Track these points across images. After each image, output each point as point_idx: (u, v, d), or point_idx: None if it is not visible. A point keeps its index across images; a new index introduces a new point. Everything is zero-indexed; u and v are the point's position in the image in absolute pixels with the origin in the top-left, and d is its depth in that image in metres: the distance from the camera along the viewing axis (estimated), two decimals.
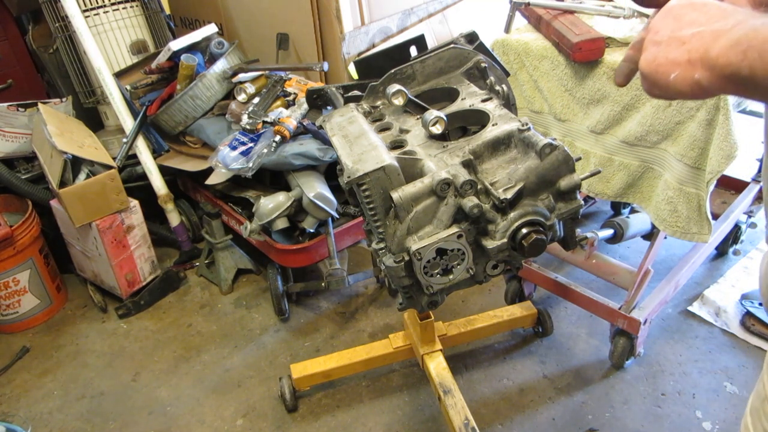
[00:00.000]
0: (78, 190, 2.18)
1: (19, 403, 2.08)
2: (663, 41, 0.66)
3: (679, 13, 0.66)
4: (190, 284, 2.60)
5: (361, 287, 2.46)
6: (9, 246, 2.24)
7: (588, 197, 2.21)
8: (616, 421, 1.80)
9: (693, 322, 2.12)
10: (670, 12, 0.67)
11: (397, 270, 0.93)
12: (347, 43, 2.53)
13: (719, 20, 0.61)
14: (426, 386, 1.97)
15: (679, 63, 0.63)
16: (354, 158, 0.96)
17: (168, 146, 2.60)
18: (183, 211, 2.68)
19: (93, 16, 2.58)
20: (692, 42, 0.62)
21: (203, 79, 2.37)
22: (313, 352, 2.16)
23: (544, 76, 1.75)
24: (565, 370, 1.99)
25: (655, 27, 0.68)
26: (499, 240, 0.90)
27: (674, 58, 0.63)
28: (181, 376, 2.12)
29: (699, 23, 0.63)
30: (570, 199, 0.93)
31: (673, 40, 0.65)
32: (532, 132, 0.92)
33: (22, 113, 2.53)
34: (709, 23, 0.62)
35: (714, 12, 0.63)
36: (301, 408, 1.94)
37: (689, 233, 1.57)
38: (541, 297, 2.28)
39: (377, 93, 1.16)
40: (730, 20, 0.60)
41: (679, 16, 0.65)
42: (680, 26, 0.65)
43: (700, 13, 0.64)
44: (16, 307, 2.38)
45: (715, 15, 0.62)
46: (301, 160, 2.04)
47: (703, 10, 0.64)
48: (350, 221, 2.21)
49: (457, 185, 0.89)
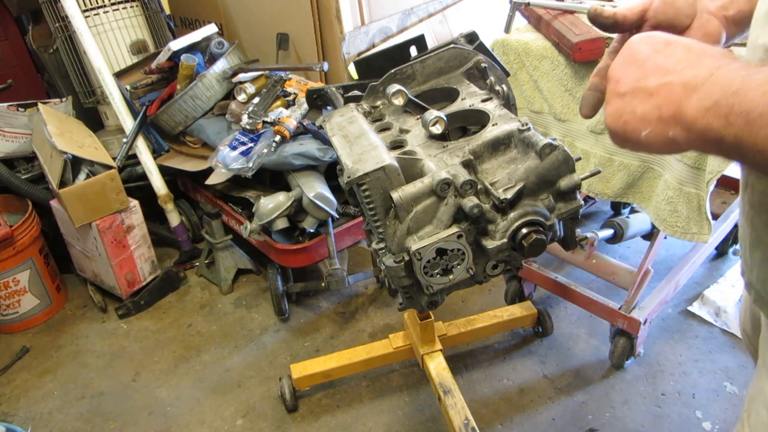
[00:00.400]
0: (78, 190, 2.18)
1: (19, 403, 2.08)
2: (627, 93, 0.59)
3: (642, 57, 0.59)
4: (190, 284, 2.60)
5: (361, 287, 2.46)
6: (9, 246, 2.24)
7: (588, 197, 2.21)
8: (616, 421, 1.80)
9: (693, 322, 2.12)
10: (632, 56, 0.60)
11: (397, 270, 0.93)
12: (347, 43, 2.53)
13: (688, 67, 0.55)
14: (426, 386, 1.97)
15: (650, 120, 0.57)
16: (354, 158, 0.96)
17: (168, 146, 2.60)
18: (183, 211, 2.68)
19: (93, 16, 2.59)
20: (661, 95, 0.56)
21: (203, 79, 2.37)
22: (313, 352, 2.16)
23: (544, 76, 1.75)
24: (565, 370, 1.98)
25: (617, 75, 0.61)
26: (499, 240, 0.90)
27: (643, 113, 0.57)
28: (181, 376, 2.12)
29: (665, 70, 0.56)
30: (570, 199, 0.93)
31: (638, 91, 0.58)
32: (532, 132, 0.92)
33: (22, 113, 2.53)
34: (677, 71, 0.55)
35: (680, 55, 0.56)
36: (301, 408, 1.94)
37: (689, 233, 1.57)
38: (541, 297, 2.28)
39: (377, 93, 1.16)
40: (701, 68, 0.54)
41: (642, 62, 0.59)
42: (644, 74, 0.58)
43: (665, 56, 0.57)
44: (16, 307, 2.38)
45: (682, 59, 0.56)
46: (301, 160, 2.04)
47: (668, 53, 0.57)
48: (350, 221, 2.21)
49: (457, 185, 0.89)
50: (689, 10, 0.77)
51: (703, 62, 0.54)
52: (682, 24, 0.78)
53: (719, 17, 0.76)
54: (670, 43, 0.58)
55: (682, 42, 0.58)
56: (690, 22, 0.77)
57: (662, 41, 0.59)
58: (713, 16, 0.76)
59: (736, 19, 0.76)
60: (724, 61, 0.53)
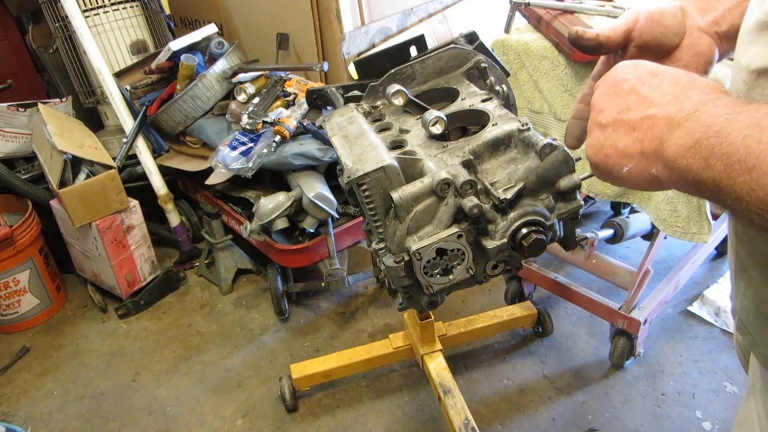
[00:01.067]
0: (78, 190, 2.18)
1: (19, 403, 2.08)
2: (609, 125, 0.56)
3: (626, 88, 0.56)
4: (190, 284, 2.60)
5: (361, 287, 2.45)
6: (9, 246, 2.24)
7: (588, 197, 2.21)
8: (616, 421, 1.80)
9: (693, 322, 2.12)
10: (615, 86, 0.57)
11: (397, 270, 0.93)
12: (347, 43, 2.53)
13: (673, 101, 0.51)
14: (426, 386, 1.97)
15: (631, 155, 0.54)
16: (354, 158, 0.96)
17: (168, 146, 2.60)
18: (183, 211, 2.68)
19: (93, 16, 2.59)
20: (643, 129, 0.53)
21: (203, 79, 2.37)
22: (313, 352, 2.16)
23: (544, 76, 1.75)
24: (565, 370, 1.98)
25: (599, 105, 0.58)
26: (499, 240, 0.90)
27: (624, 147, 0.54)
28: (181, 376, 2.12)
29: (650, 102, 0.53)
30: (570, 199, 0.93)
31: (620, 123, 0.55)
32: (532, 132, 0.92)
33: (22, 113, 2.53)
34: (661, 104, 0.52)
35: (666, 87, 0.53)
36: (301, 408, 1.94)
37: (689, 233, 1.57)
38: (541, 297, 2.28)
39: (377, 93, 1.16)
40: (686, 102, 0.50)
41: (626, 93, 0.55)
42: (627, 106, 0.54)
43: (650, 88, 0.54)
44: (16, 307, 2.38)
45: (667, 92, 0.52)
46: (301, 160, 2.04)
47: (654, 84, 0.54)
48: (350, 221, 2.21)
49: (457, 185, 0.89)
50: (678, 28, 0.73)
51: (689, 95, 0.51)
52: (670, 43, 0.73)
53: (711, 34, 0.72)
54: (656, 74, 0.55)
55: (669, 73, 0.54)
56: (679, 40, 0.73)
57: (648, 71, 0.55)
58: (704, 33, 0.72)
59: (729, 35, 0.72)
60: (711, 96, 0.49)
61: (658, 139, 0.51)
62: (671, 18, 0.73)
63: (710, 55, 0.73)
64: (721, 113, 0.46)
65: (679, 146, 0.49)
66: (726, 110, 0.47)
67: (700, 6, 0.74)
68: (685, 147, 0.48)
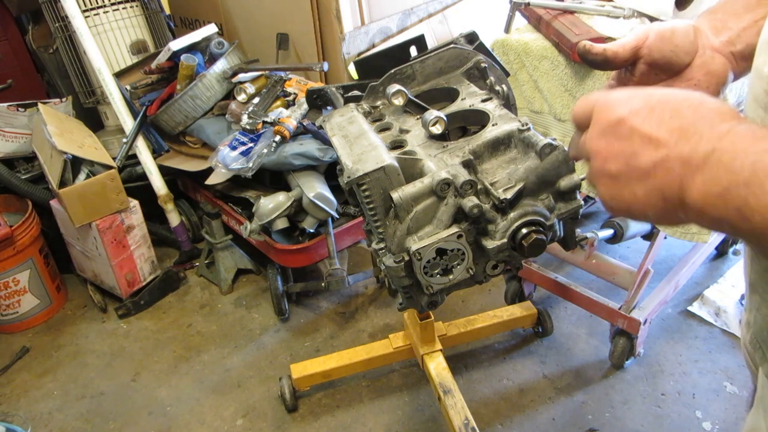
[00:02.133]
0: (78, 190, 2.18)
1: (19, 403, 2.08)
2: (621, 175, 0.52)
3: (626, 129, 0.51)
4: (190, 284, 2.60)
5: (361, 287, 2.45)
6: (9, 246, 2.24)
7: (588, 197, 2.21)
8: (616, 421, 1.80)
9: (693, 322, 2.12)
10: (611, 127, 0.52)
11: (397, 270, 0.93)
12: (347, 43, 2.53)
13: (682, 138, 0.47)
14: (426, 386, 1.97)
15: (654, 204, 0.50)
16: (354, 158, 0.96)
17: (168, 146, 2.60)
18: (183, 211, 2.68)
19: (93, 16, 2.59)
20: (658, 176, 0.49)
21: (203, 79, 2.37)
22: (313, 352, 2.16)
23: (544, 76, 1.75)
24: (565, 370, 1.98)
25: (599, 149, 0.53)
26: (499, 240, 0.90)
27: (644, 196, 0.51)
28: (181, 376, 2.12)
29: (656, 142, 0.49)
30: (570, 199, 0.93)
31: (632, 172, 0.51)
32: (532, 132, 0.92)
33: (22, 113, 2.53)
34: (670, 143, 0.48)
35: (670, 121, 0.49)
36: (301, 408, 1.94)
37: (689, 233, 1.57)
38: (541, 297, 2.28)
39: (377, 93, 1.16)
40: (697, 139, 0.46)
41: (627, 134, 0.51)
42: (634, 150, 0.50)
43: (651, 123, 0.49)
44: (16, 307, 2.38)
45: (673, 127, 0.48)
46: (301, 160, 2.04)
47: (653, 119, 0.50)
48: (350, 221, 2.21)
49: (457, 185, 0.89)
50: (689, 47, 0.71)
51: (698, 129, 0.47)
52: (681, 62, 0.72)
53: (725, 54, 0.71)
54: (653, 107, 0.50)
55: (668, 101, 0.50)
56: (690, 59, 0.72)
57: (643, 104, 0.51)
58: (718, 52, 0.71)
59: (744, 55, 0.70)
60: (724, 127, 0.46)
61: (677, 184, 0.48)
62: (683, 37, 0.71)
63: (723, 75, 0.71)
64: (744, 158, 0.43)
65: (704, 194, 0.46)
66: (748, 148, 0.43)
67: (714, 25, 0.72)
68: (712, 195, 0.45)
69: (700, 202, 0.46)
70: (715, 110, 0.48)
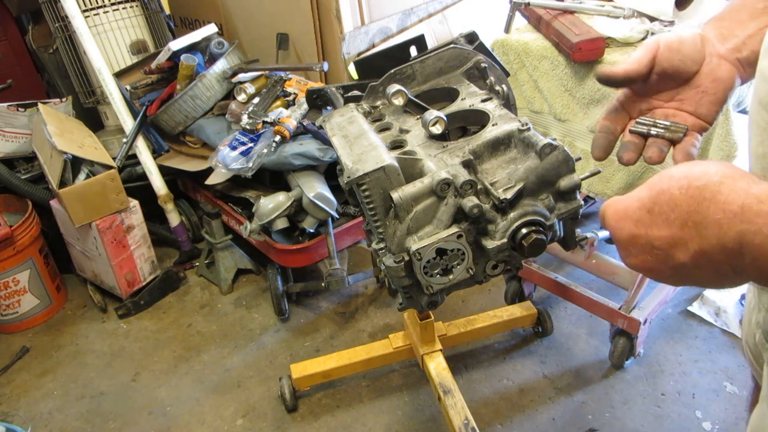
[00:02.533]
0: (78, 190, 2.18)
1: (19, 403, 2.08)
2: (675, 274, 0.54)
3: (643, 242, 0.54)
4: (190, 284, 2.60)
5: (361, 287, 2.45)
6: (9, 246, 2.24)
7: (588, 197, 2.21)
8: (616, 421, 1.80)
9: (693, 322, 2.12)
10: (635, 245, 0.54)
11: (397, 270, 0.93)
12: (347, 43, 2.53)
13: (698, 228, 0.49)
14: (426, 386, 1.97)
15: (712, 279, 0.53)
16: (354, 158, 0.96)
17: (168, 146, 2.60)
18: (183, 211, 2.68)
19: (93, 16, 2.59)
20: (704, 265, 0.51)
21: (203, 79, 2.37)
22: (313, 352, 2.16)
23: (544, 76, 1.75)
24: (565, 370, 1.98)
25: (641, 266, 0.56)
26: (498, 240, 0.90)
27: (702, 278, 0.53)
28: (181, 376, 2.12)
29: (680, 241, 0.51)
30: (570, 199, 0.93)
31: (680, 271, 0.53)
32: (532, 132, 0.92)
33: (22, 113, 2.53)
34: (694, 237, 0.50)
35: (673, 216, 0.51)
36: (301, 408, 1.94)
37: None
38: (541, 297, 2.28)
39: (377, 93, 1.16)
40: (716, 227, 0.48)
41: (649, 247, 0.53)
42: (666, 256, 0.52)
43: (660, 226, 0.52)
44: (16, 307, 2.38)
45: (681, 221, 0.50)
46: (301, 160, 2.04)
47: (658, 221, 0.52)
48: (350, 221, 2.21)
49: (457, 185, 0.89)
50: (697, 55, 0.73)
51: (706, 215, 0.49)
52: (689, 70, 0.74)
53: (731, 60, 0.73)
54: (650, 210, 0.53)
55: (660, 194, 0.52)
56: (698, 68, 0.74)
57: (640, 210, 0.54)
58: (724, 59, 0.73)
59: (750, 61, 0.72)
60: (732, 206, 0.48)
61: (728, 265, 0.50)
62: (690, 46, 0.73)
63: (729, 81, 0.73)
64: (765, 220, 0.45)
65: (755, 265, 0.48)
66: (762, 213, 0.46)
67: (721, 33, 0.74)
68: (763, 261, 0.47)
69: (757, 274, 0.48)
70: (715, 187, 0.49)
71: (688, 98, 0.76)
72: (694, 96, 0.75)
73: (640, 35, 1.64)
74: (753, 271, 0.48)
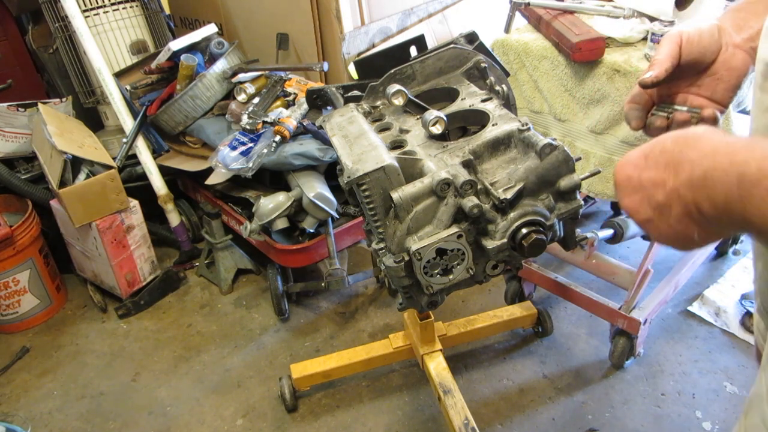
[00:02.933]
0: (78, 190, 2.18)
1: (19, 403, 2.08)
2: (652, 218, 0.60)
3: (635, 182, 0.60)
4: (190, 284, 2.60)
5: (361, 287, 2.45)
6: (9, 246, 2.24)
7: (588, 197, 2.21)
8: (616, 421, 1.80)
9: (693, 322, 2.12)
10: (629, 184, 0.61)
11: (397, 270, 0.93)
12: (347, 43, 2.53)
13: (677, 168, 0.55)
14: (426, 386, 1.97)
15: (688, 227, 0.57)
16: (354, 158, 0.96)
17: (168, 146, 2.60)
18: (183, 211, 2.68)
19: (93, 16, 2.58)
20: (675, 204, 0.56)
21: (203, 79, 2.37)
22: (313, 352, 2.16)
23: (544, 76, 1.75)
24: (565, 370, 1.99)
25: (631, 206, 0.62)
26: (499, 240, 0.90)
27: (678, 225, 0.58)
28: (181, 376, 2.12)
29: (661, 181, 0.57)
30: (570, 199, 0.93)
31: (657, 210, 0.59)
32: (532, 132, 0.92)
33: (22, 113, 2.53)
34: (670, 176, 0.56)
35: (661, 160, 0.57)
36: (301, 408, 1.94)
37: None
38: (541, 297, 2.28)
39: (377, 93, 1.16)
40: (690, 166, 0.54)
41: (639, 186, 0.60)
42: (648, 194, 0.59)
43: (650, 167, 0.59)
44: (16, 307, 2.38)
45: (666, 162, 0.57)
46: (301, 160, 2.04)
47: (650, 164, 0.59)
48: (350, 221, 2.21)
49: (457, 185, 0.89)
50: (714, 46, 0.78)
51: (686, 157, 0.55)
52: (707, 61, 0.79)
53: (746, 49, 0.77)
54: (647, 155, 0.60)
55: (656, 143, 0.59)
56: (715, 57, 0.79)
57: (639, 156, 0.60)
58: (739, 49, 0.77)
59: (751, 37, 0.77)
60: (707, 148, 0.53)
61: (694, 205, 0.54)
62: (709, 38, 0.78)
63: (743, 69, 0.78)
64: (730, 167, 0.50)
65: (714, 208, 0.52)
66: (731, 162, 0.50)
67: (737, 23, 0.79)
68: (719, 209, 0.52)
69: (715, 215, 0.53)
70: (698, 135, 0.55)
71: (705, 84, 0.81)
72: (711, 83, 0.80)
73: (640, 35, 1.64)
74: (709, 208, 0.52)
